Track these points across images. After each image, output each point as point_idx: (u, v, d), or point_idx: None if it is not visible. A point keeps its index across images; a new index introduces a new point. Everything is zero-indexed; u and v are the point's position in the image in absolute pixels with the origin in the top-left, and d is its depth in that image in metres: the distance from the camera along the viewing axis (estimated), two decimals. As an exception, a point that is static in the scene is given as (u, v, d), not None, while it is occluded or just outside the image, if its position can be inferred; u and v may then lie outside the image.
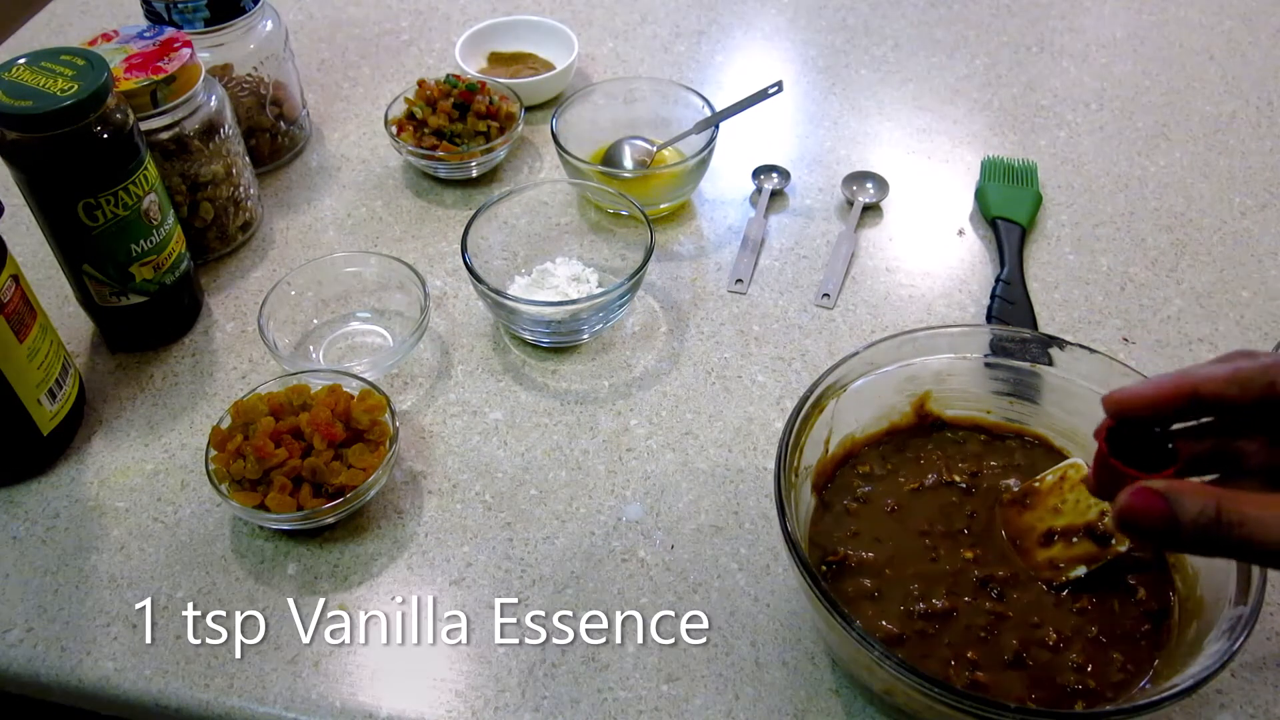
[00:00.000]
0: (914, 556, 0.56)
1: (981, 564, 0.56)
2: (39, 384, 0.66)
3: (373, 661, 0.59)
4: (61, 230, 0.68)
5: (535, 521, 0.66)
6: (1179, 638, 0.52)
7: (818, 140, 0.97)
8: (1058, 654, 0.52)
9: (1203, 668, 0.46)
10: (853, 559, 0.56)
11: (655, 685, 0.58)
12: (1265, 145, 0.96)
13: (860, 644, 0.47)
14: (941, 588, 0.55)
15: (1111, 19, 1.14)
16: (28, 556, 0.64)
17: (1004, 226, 0.85)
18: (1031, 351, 0.60)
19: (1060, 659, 0.52)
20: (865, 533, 0.58)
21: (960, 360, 0.61)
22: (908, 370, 0.61)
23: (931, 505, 0.59)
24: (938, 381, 0.62)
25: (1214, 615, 0.49)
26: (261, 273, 0.84)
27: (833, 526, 0.58)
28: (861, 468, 0.61)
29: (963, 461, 0.61)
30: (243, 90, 0.89)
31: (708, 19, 1.14)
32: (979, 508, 0.58)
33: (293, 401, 0.66)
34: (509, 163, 0.95)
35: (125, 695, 0.58)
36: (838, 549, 0.57)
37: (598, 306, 0.74)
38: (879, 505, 0.59)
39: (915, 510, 0.59)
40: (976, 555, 0.56)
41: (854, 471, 0.61)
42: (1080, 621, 0.53)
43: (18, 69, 0.65)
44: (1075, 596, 0.54)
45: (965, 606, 0.54)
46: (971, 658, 0.52)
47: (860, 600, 0.55)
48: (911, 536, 0.57)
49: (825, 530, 0.58)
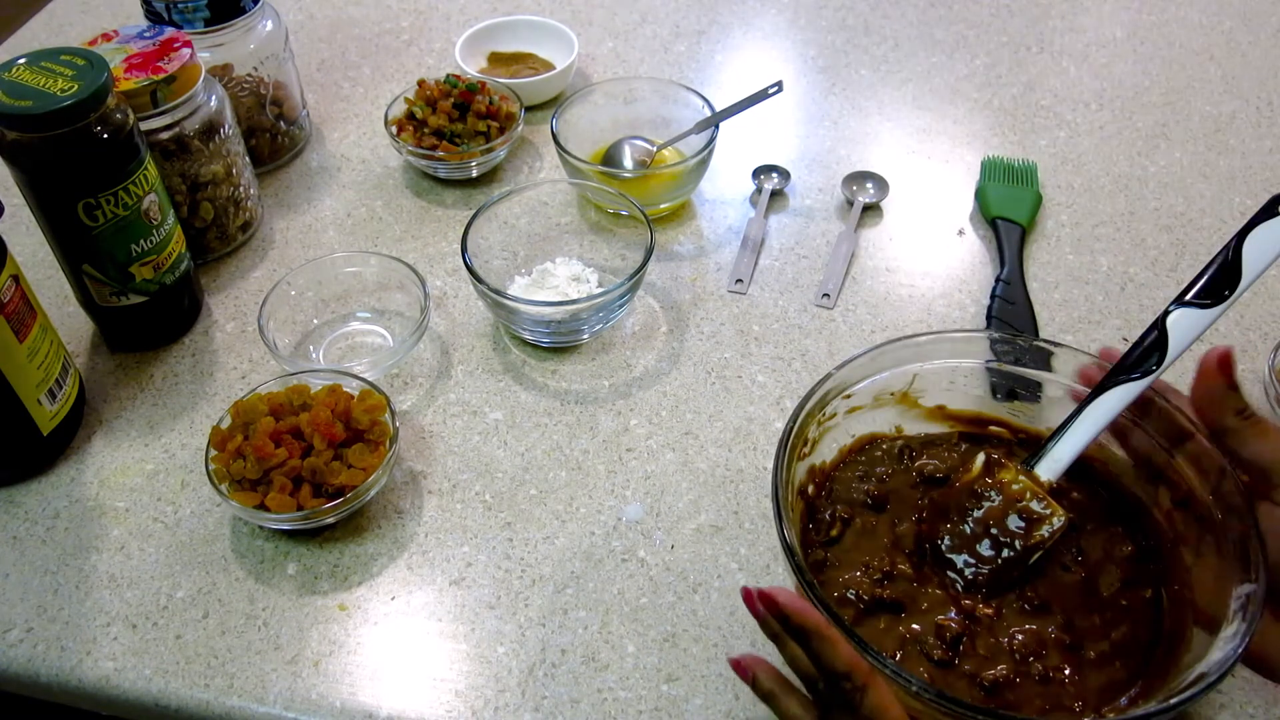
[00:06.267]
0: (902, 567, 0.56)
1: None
2: (39, 384, 0.66)
3: (373, 661, 0.59)
4: (61, 230, 0.68)
5: (535, 521, 0.66)
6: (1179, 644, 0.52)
7: (818, 140, 0.97)
8: (1045, 662, 0.52)
9: (1228, 651, 0.45)
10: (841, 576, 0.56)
11: (655, 685, 0.58)
12: (1265, 145, 0.96)
13: (860, 650, 0.46)
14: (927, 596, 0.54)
15: (1111, 19, 1.14)
16: (28, 556, 0.64)
17: (1004, 226, 0.85)
18: (1030, 359, 0.60)
19: (1078, 658, 0.52)
20: (852, 545, 0.57)
21: (959, 364, 0.61)
22: (904, 376, 0.61)
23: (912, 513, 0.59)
24: (934, 385, 0.62)
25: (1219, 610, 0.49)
26: (261, 273, 0.84)
27: (822, 534, 0.58)
28: (854, 474, 0.61)
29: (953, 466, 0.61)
30: (243, 90, 0.89)
31: (708, 19, 1.14)
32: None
33: (293, 401, 0.66)
34: (509, 163, 0.95)
35: (125, 695, 0.58)
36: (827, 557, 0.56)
37: (598, 306, 0.74)
38: (867, 517, 0.59)
39: (903, 517, 0.58)
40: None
41: (849, 477, 0.61)
42: (1065, 631, 0.53)
43: (18, 69, 0.65)
44: (1062, 605, 0.54)
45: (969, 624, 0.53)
46: (969, 669, 0.51)
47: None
48: (897, 551, 0.57)
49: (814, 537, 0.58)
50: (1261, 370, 0.74)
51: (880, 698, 0.45)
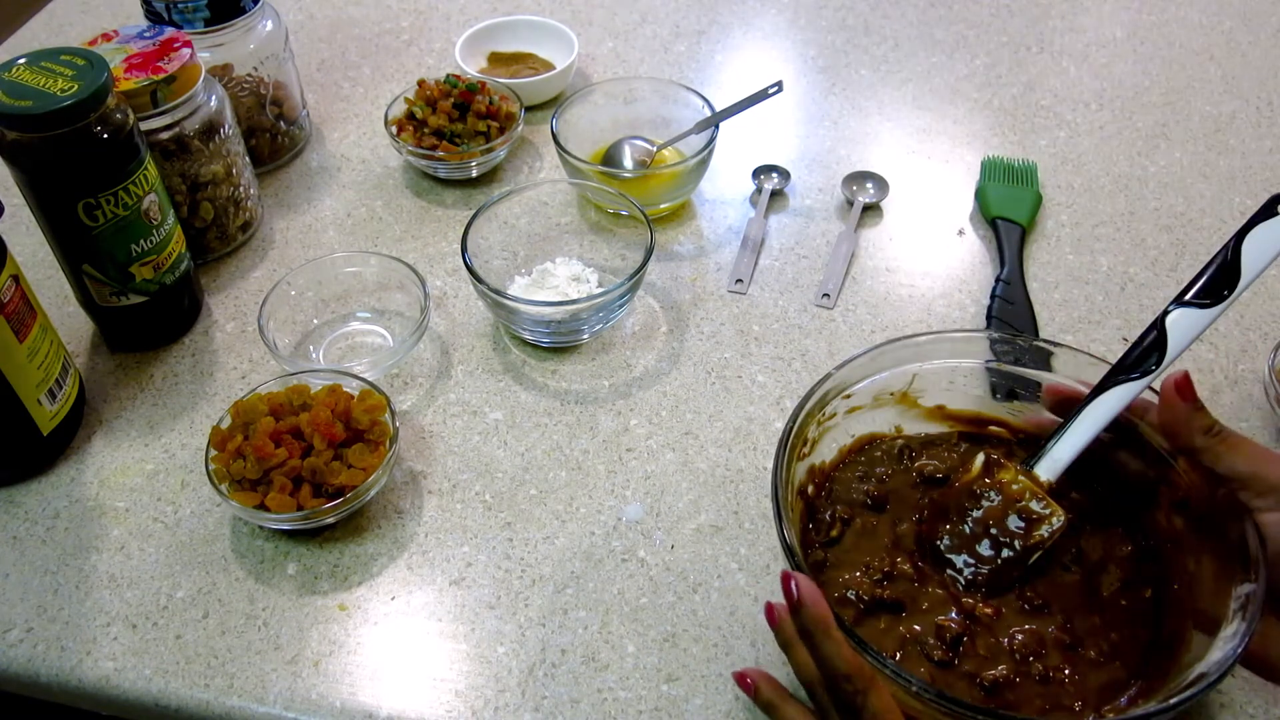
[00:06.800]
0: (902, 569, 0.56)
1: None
2: (39, 384, 0.66)
3: (373, 661, 0.59)
4: (61, 230, 0.68)
5: (535, 521, 0.66)
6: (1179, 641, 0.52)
7: (818, 140, 0.97)
8: (1044, 660, 0.52)
9: (1228, 650, 0.45)
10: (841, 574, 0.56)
11: (655, 685, 0.58)
12: (1265, 145, 0.96)
13: (860, 651, 0.46)
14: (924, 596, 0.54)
15: (1111, 19, 1.14)
16: (28, 556, 0.64)
17: (1004, 226, 0.85)
18: (1029, 359, 0.60)
19: (1078, 657, 0.52)
20: (852, 545, 0.57)
21: (959, 364, 0.61)
22: (904, 376, 0.61)
23: (913, 512, 0.59)
24: (933, 385, 0.62)
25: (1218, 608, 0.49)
26: (261, 273, 0.84)
27: (822, 534, 0.58)
28: (854, 475, 0.61)
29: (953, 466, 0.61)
30: (243, 90, 0.89)
31: (708, 19, 1.14)
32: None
33: (293, 401, 0.66)
34: (509, 163, 0.95)
35: (125, 695, 0.58)
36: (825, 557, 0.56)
37: (598, 306, 0.74)
38: (867, 517, 0.59)
39: (903, 518, 0.58)
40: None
41: (848, 477, 0.61)
42: (1058, 631, 0.53)
43: (18, 69, 0.65)
44: (1063, 606, 0.54)
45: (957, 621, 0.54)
46: (969, 670, 0.52)
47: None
48: (899, 550, 0.57)
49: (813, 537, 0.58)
50: (1261, 370, 0.74)
51: (882, 702, 0.45)
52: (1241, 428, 0.71)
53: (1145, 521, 0.56)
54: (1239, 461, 0.49)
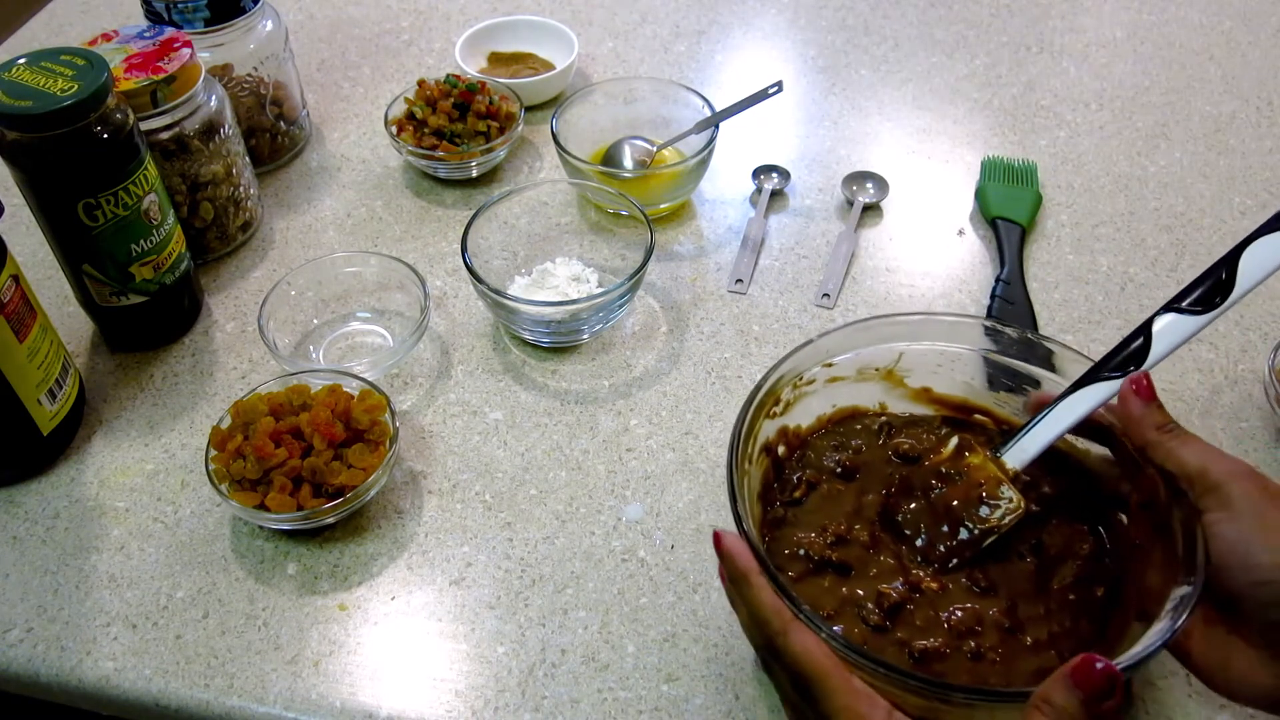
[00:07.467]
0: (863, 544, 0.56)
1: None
2: (39, 384, 0.66)
3: (373, 661, 0.59)
4: (61, 230, 0.68)
5: (535, 521, 0.66)
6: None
7: (818, 140, 0.97)
8: (1007, 636, 0.52)
9: (1144, 647, 0.45)
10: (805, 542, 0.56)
11: (655, 685, 0.58)
12: (1265, 145, 0.96)
13: (809, 624, 0.46)
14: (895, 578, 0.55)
15: (1111, 19, 1.14)
16: (28, 556, 0.64)
17: (1004, 226, 0.85)
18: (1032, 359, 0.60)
19: (1014, 641, 0.52)
20: (815, 508, 0.58)
21: (946, 348, 0.61)
22: (890, 353, 0.61)
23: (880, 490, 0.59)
24: (920, 365, 0.62)
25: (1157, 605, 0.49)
26: (261, 273, 0.84)
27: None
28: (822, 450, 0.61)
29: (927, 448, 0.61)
30: (243, 90, 0.89)
31: (708, 19, 1.14)
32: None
33: (293, 401, 0.66)
34: (509, 163, 0.95)
35: (125, 695, 0.58)
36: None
37: (598, 306, 0.74)
38: (835, 483, 0.59)
39: (871, 490, 0.59)
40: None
41: (824, 445, 0.61)
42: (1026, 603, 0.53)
43: (18, 69, 0.65)
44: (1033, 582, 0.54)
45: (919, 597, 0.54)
46: (935, 645, 0.52)
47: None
48: (864, 523, 0.57)
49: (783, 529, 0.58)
50: (1261, 370, 0.74)
51: (802, 641, 0.45)
52: (1241, 428, 0.71)
53: (1113, 522, 0.56)
54: (1187, 457, 0.49)
